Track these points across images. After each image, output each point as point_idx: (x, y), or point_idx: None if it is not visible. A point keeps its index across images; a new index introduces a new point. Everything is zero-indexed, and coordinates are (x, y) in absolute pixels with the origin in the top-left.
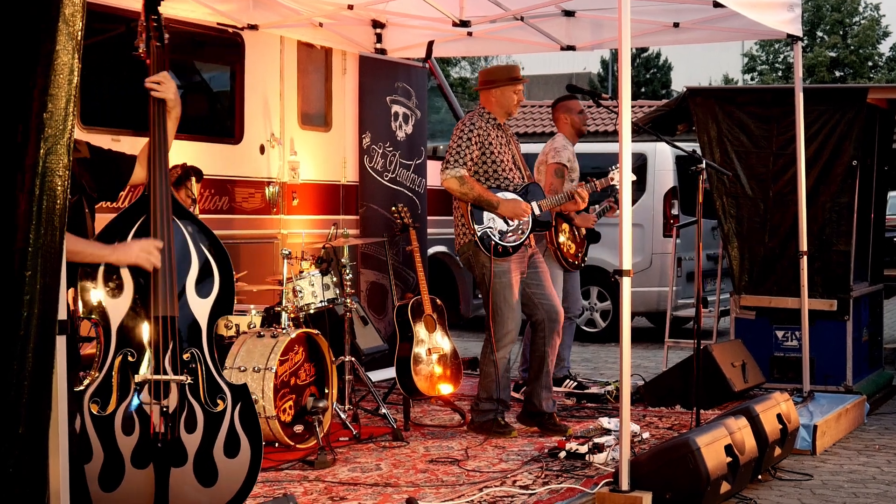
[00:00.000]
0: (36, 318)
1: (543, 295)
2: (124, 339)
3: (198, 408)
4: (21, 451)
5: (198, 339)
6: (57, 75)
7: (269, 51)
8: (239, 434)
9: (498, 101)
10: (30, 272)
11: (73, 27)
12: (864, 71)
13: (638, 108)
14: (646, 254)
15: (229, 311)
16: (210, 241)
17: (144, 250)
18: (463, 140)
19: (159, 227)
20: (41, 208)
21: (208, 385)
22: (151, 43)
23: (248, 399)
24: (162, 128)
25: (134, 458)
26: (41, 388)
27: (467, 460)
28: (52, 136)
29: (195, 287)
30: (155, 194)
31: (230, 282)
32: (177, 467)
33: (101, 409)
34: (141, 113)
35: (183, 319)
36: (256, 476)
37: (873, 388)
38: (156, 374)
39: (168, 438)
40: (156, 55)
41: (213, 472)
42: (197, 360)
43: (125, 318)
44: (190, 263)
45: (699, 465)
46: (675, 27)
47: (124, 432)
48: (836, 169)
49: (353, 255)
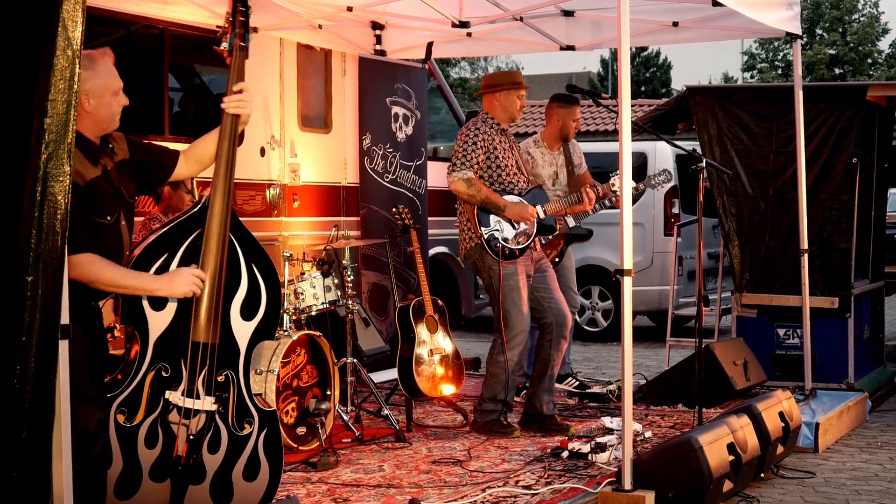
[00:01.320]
0: (38, 323)
1: (552, 298)
2: (161, 353)
3: (224, 430)
4: (24, 454)
5: (234, 362)
6: (57, 80)
7: (268, 53)
8: (261, 458)
9: (502, 105)
10: (31, 277)
11: (74, 32)
12: (863, 68)
13: (638, 107)
14: (647, 253)
15: (272, 335)
16: (261, 260)
17: (195, 284)
18: (469, 144)
19: (215, 247)
20: (42, 213)
21: (238, 408)
22: (236, 42)
23: (275, 425)
24: (233, 143)
25: (152, 471)
26: (44, 393)
27: (470, 461)
28: (53, 142)
29: (240, 308)
30: (214, 214)
31: (277, 304)
32: (194, 485)
33: (127, 420)
34: (141, 116)
35: (223, 341)
36: (271, 500)
37: (875, 385)
38: (187, 398)
39: (189, 464)
40: (238, 58)
41: (230, 493)
42: (231, 383)
43: (164, 333)
44: (239, 283)
45: (702, 464)
46: (675, 26)
47: (147, 446)
48: (836, 166)
49: (355, 256)
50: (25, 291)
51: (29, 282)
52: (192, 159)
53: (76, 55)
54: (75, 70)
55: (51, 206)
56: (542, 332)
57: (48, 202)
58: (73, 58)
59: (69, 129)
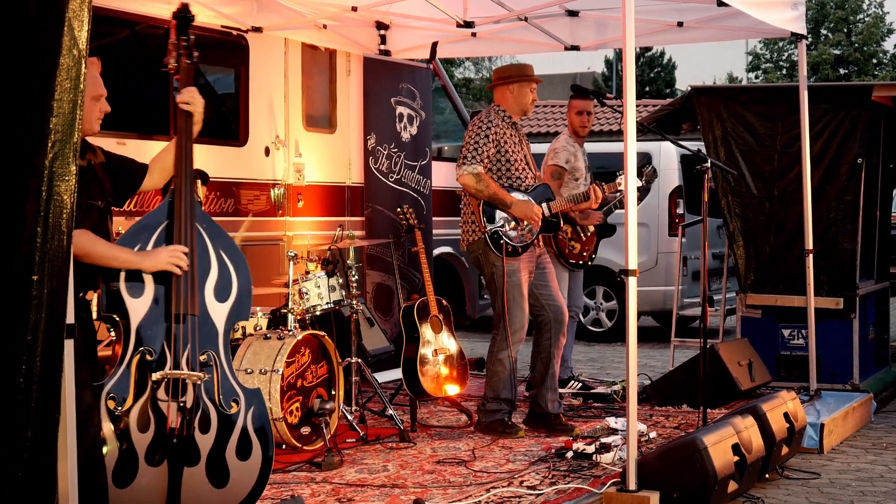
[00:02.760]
0: (44, 322)
1: (550, 295)
2: (143, 338)
3: (212, 409)
4: (30, 454)
5: (214, 342)
6: (63, 80)
7: (273, 53)
8: (251, 437)
9: (515, 97)
10: (37, 276)
11: (80, 32)
12: (868, 68)
13: (642, 108)
14: (651, 253)
15: (246, 316)
16: (228, 246)
17: (174, 256)
18: (480, 136)
19: (183, 232)
20: (48, 213)
21: (223, 387)
22: (182, 60)
23: (261, 403)
24: (188, 139)
25: (148, 455)
26: (50, 392)
27: (474, 461)
28: (58, 142)
29: (214, 291)
30: (180, 201)
31: (248, 286)
32: (190, 467)
33: (117, 406)
34: (146, 116)
35: (201, 322)
36: (267, 479)
37: (880, 386)
38: (174, 370)
39: (184, 434)
40: (185, 72)
41: (225, 473)
42: (213, 362)
43: (145, 318)
44: (209, 268)
45: (706, 465)
46: (679, 26)
47: (140, 429)
48: (841, 167)
49: (359, 256)
50: (31, 291)
51: (34, 281)
52: (156, 170)
53: (82, 55)
54: (81, 70)
55: (56, 205)
56: (541, 329)
57: (54, 201)
58: (78, 57)
59: (75, 128)
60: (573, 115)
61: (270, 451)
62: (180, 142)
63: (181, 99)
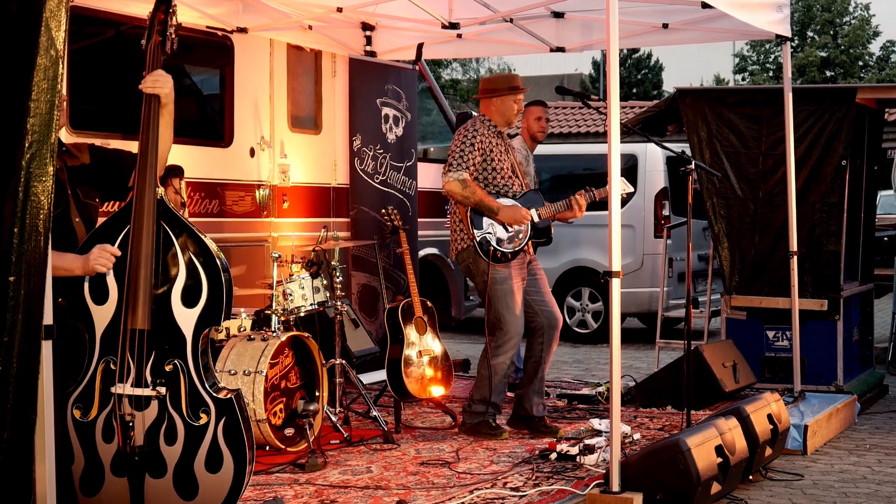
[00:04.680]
0: (20, 323)
1: (543, 301)
2: (107, 346)
3: (178, 420)
4: (6, 455)
5: (182, 351)
6: (40, 80)
7: (258, 54)
8: (222, 449)
9: (498, 109)
10: (14, 277)
11: (57, 32)
12: (854, 71)
13: (629, 109)
14: (637, 254)
15: (218, 321)
16: (200, 248)
17: (100, 256)
18: (466, 145)
19: (144, 233)
20: (25, 214)
21: (191, 398)
22: (153, 39)
23: (233, 414)
24: (154, 126)
25: (113, 465)
26: (26, 393)
27: (458, 462)
28: (35, 142)
29: (181, 296)
30: (141, 199)
31: (219, 289)
32: (156, 478)
33: (83, 415)
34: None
35: (166, 330)
36: (240, 492)
37: (864, 387)
38: (120, 386)
39: (126, 451)
40: (151, 52)
41: (194, 485)
42: (180, 372)
43: (108, 326)
44: (177, 272)
45: (689, 466)
46: (665, 28)
47: (104, 440)
48: (825, 169)
49: (344, 257)
50: (7, 292)
51: (11, 282)
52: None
53: (59, 55)
54: (58, 70)
55: (33, 206)
56: (534, 334)
57: (31, 202)
58: (55, 58)
59: (52, 129)
60: (532, 121)
61: (244, 463)
62: (144, 130)
63: (144, 85)
